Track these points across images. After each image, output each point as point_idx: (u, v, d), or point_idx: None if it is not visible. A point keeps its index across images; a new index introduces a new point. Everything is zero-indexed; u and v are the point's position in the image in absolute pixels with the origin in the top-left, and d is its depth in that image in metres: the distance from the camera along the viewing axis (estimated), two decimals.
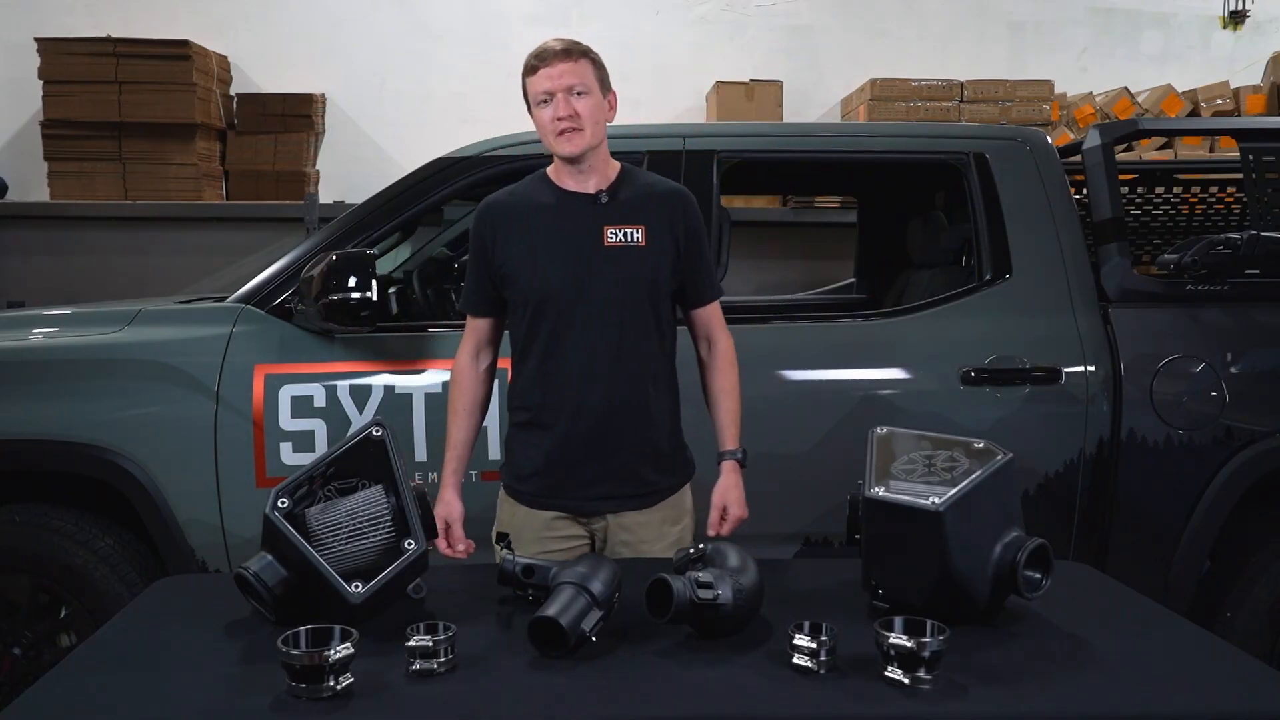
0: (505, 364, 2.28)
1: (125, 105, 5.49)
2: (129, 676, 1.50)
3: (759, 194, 5.49)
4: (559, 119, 2.04)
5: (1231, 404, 2.77)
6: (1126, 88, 5.83)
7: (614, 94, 2.14)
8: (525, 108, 2.14)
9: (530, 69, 2.07)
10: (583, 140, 2.06)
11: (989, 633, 1.67)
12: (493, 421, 2.67)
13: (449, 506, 2.18)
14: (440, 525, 2.12)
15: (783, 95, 5.91)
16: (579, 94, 2.04)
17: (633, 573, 1.73)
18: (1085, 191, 3.04)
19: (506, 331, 2.26)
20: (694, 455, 2.29)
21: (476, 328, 2.25)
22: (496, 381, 2.31)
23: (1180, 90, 5.80)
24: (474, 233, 2.20)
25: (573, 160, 2.09)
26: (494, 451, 2.67)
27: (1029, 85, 5.75)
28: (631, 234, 2.11)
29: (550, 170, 2.18)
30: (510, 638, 1.63)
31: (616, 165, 2.19)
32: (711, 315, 2.26)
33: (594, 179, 2.13)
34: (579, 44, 2.09)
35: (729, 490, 2.19)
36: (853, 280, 4.36)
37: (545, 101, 2.05)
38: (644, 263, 2.12)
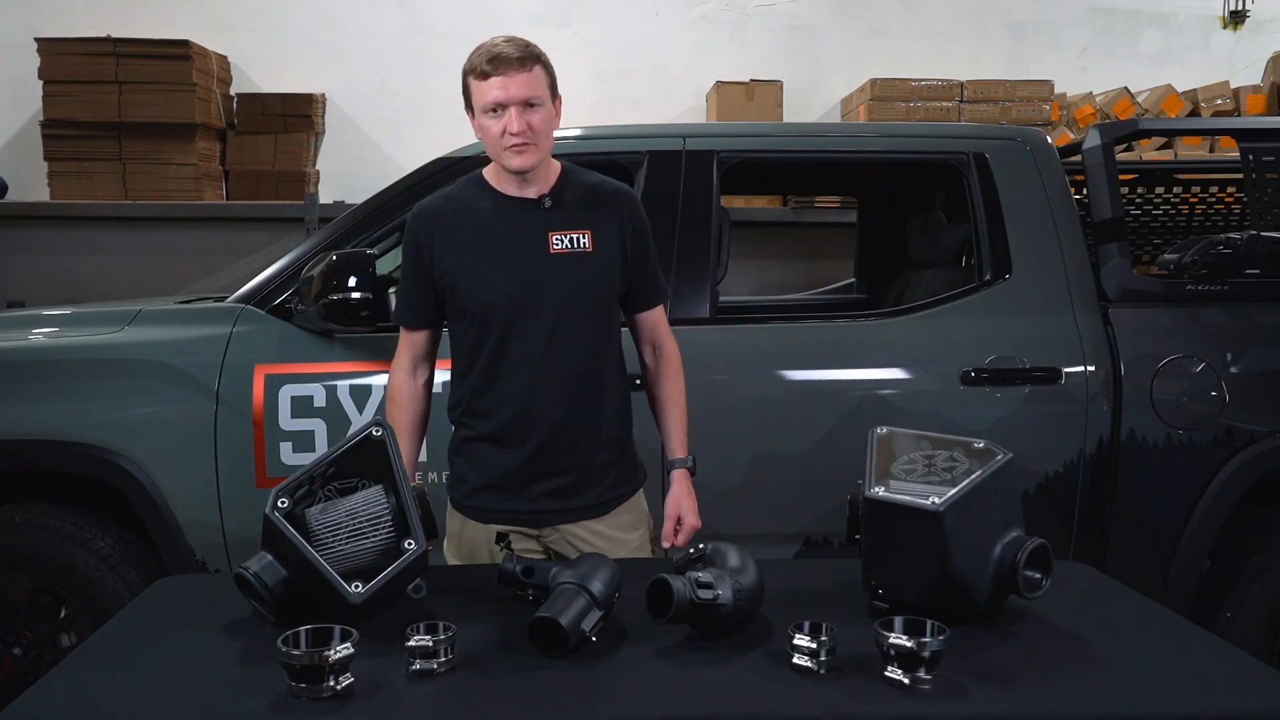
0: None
1: (125, 105, 5.49)
2: (129, 676, 1.50)
3: (759, 194, 5.49)
4: (513, 134, 1.92)
5: (1231, 404, 2.77)
6: (1126, 88, 5.83)
7: (560, 99, 2.02)
8: (465, 105, 1.99)
9: (480, 73, 1.92)
10: (535, 155, 1.96)
11: (989, 633, 1.67)
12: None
13: None
14: None
15: (783, 95, 5.90)
16: (533, 107, 1.92)
17: (633, 573, 1.72)
18: (1085, 191, 3.04)
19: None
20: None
21: (413, 341, 2.14)
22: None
23: (1180, 90, 5.81)
24: (408, 241, 2.08)
25: (521, 172, 2.00)
26: None
27: (1029, 85, 5.75)
28: (578, 239, 2.02)
29: (488, 172, 2.08)
30: (510, 638, 1.63)
31: (557, 166, 2.08)
32: (658, 319, 2.18)
33: (536, 184, 2.03)
34: (531, 47, 1.95)
35: (682, 499, 2.14)
36: (853, 280, 4.36)
37: (495, 112, 1.92)
38: (592, 269, 2.03)
